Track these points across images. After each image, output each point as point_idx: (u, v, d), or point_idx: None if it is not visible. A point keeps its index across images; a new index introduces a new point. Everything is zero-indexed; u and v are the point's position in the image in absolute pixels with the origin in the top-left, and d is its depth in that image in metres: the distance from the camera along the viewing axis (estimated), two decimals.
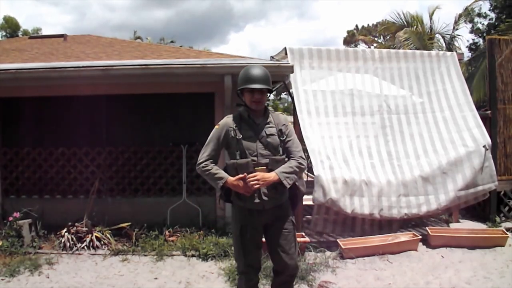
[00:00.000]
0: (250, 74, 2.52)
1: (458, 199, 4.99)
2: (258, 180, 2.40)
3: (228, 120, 2.62)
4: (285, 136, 2.56)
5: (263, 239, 2.68)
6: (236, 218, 2.63)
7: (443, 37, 12.67)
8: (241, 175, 2.43)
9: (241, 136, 2.52)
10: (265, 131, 2.54)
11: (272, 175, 2.44)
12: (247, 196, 2.47)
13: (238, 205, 2.59)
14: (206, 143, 2.60)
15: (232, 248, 4.44)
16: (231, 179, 2.46)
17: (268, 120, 2.60)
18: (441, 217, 5.69)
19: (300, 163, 2.52)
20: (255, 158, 2.50)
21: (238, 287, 2.79)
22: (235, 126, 2.55)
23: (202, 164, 2.54)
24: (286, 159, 2.55)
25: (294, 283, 2.86)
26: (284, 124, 2.60)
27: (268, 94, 2.61)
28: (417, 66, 5.62)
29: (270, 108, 2.72)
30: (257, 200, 2.51)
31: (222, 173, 2.50)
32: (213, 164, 2.54)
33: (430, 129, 5.30)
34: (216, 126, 2.63)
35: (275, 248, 2.59)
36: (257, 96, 2.53)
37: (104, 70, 5.00)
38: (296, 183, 2.60)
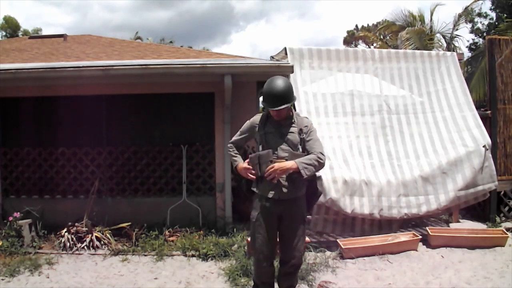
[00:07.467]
0: (273, 93, 2.71)
1: (458, 199, 4.99)
2: (275, 170, 2.61)
3: (256, 117, 2.94)
4: (304, 135, 2.79)
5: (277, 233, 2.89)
6: (255, 206, 2.86)
7: (443, 37, 12.66)
8: (245, 165, 2.77)
9: (264, 132, 2.81)
10: (286, 129, 2.80)
11: (290, 163, 2.65)
12: (266, 185, 2.73)
13: (257, 194, 2.83)
14: (238, 131, 3.02)
15: (232, 248, 4.48)
16: (240, 165, 2.84)
17: (291, 121, 2.83)
18: (441, 217, 5.69)
19: (319, 158, 2.70)
20: (276, 151, 2.72)
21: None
22: (260, 123, 2.86)
23: (229, 145, 3.03)
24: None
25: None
26: (306, 126, 2.83)
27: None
28: (417, 66, 5.62)
29: (295, 111, 2.98)
30: (272, 191, 2.72)
31: (238, 159, 2.93)
32: (235, 149, 2.98)
33: (430, 129, 5.30)
34: (248, 121, 2.98)
35: (284, 239, 2.83)
36: (279, 113, 2.76)
37: (104, 70, 5.00)
38: (317, 184, 2.86)
